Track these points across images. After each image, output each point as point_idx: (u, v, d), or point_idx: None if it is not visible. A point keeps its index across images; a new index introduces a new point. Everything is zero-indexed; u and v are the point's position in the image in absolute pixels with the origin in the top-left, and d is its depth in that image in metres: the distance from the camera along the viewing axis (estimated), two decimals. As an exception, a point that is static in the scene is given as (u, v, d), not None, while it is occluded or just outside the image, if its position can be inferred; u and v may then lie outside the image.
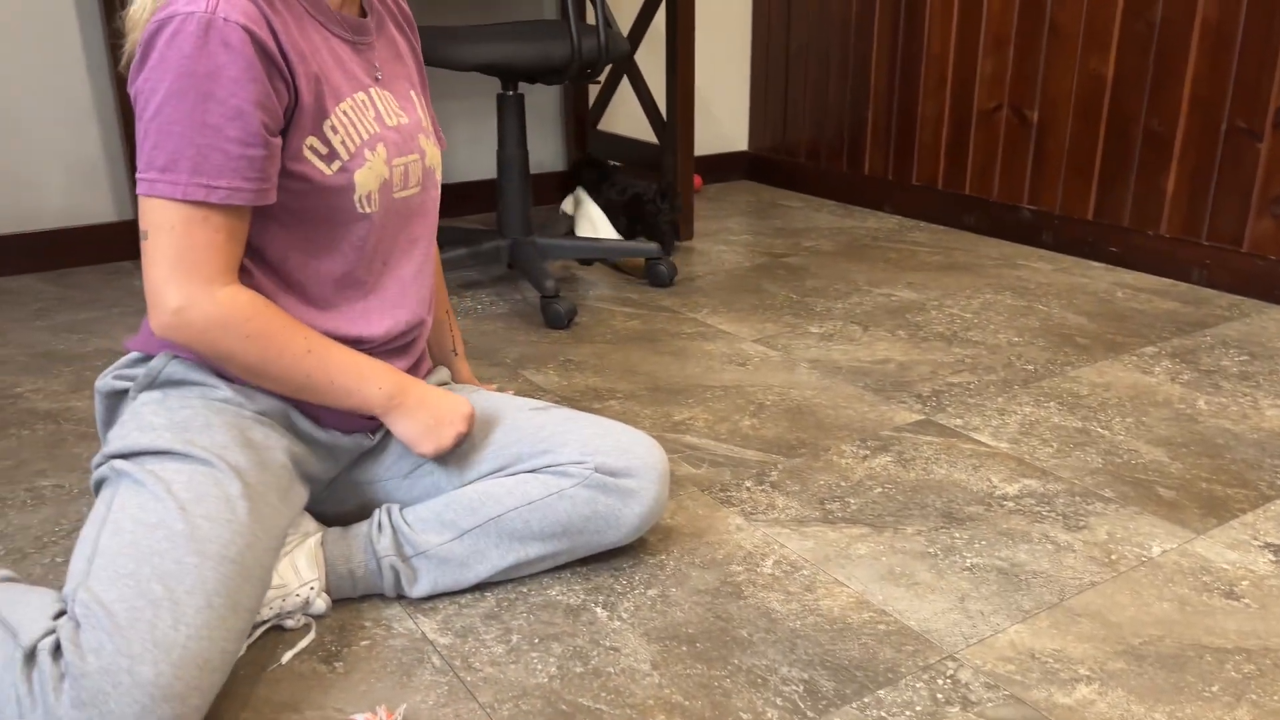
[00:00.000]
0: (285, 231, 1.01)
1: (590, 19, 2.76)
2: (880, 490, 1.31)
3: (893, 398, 1.59)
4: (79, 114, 2.24)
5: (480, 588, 1.10)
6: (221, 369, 0.99)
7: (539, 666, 0.98)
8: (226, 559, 0.87)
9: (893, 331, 1.87)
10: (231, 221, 0.94)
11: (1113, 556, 1.16)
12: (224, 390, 1.00)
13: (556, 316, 1.88)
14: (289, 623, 1.03)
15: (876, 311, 1.98)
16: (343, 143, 1.01)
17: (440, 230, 2.22)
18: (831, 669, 0.98)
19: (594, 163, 2.54)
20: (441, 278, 1.33)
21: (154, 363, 1.01)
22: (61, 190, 2.26)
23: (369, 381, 1.03)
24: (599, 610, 1.07)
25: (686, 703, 0.93)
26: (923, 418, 1.52)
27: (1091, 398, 1.58)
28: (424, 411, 1.06)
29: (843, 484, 1.33)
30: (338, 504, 1.15)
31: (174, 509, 0.88)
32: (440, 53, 1.81)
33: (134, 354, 1.04)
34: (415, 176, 1.11)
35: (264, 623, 1.02)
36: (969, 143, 2.52)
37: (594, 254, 2.10)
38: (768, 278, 2.20)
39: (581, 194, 2.39)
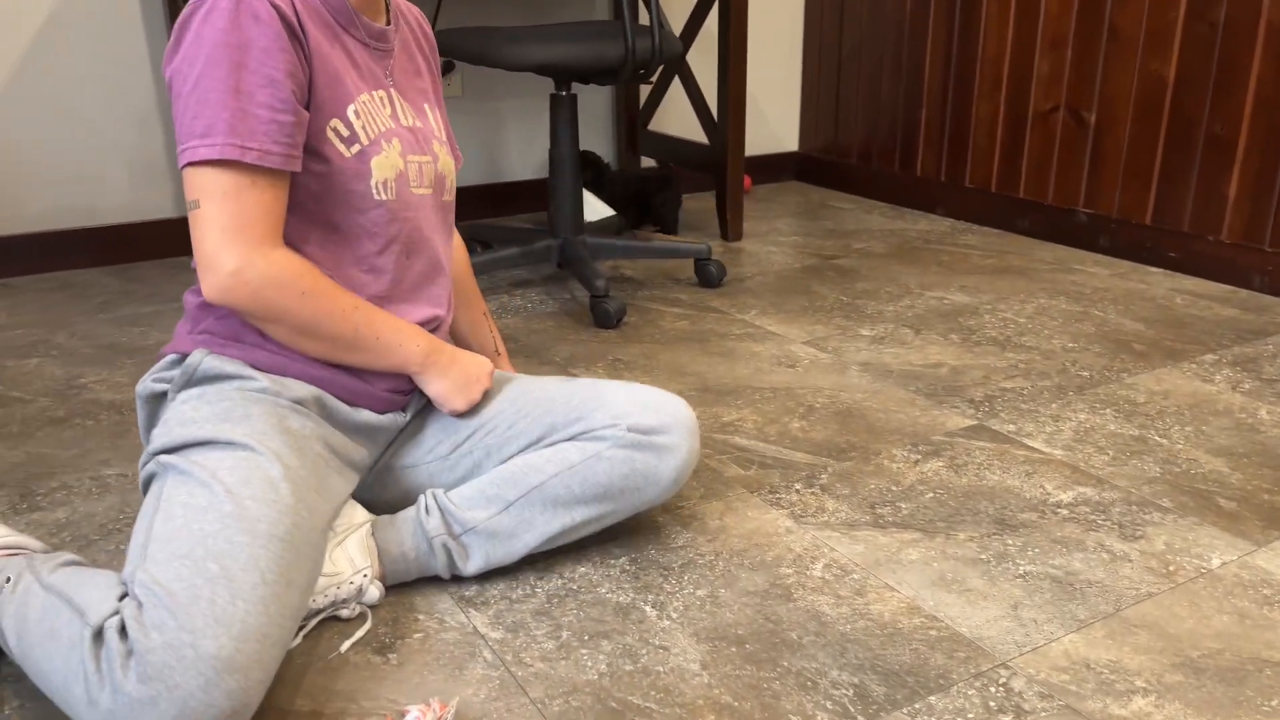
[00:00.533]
0: (305, 216, 1.03)
1: (643, 19, 2.77)
2: (932, 495, 1.30)
3: (945, 402, 1.57)
4: (142, 112, 2.29)
5: (531, 583, 1.11)
6: (270, 335, 1.02)
7: (589, 663, 0.99)
8: (275, 537, 0.89)
9: (945, 335, 1.86)
10: (276, 185, 0.97)
11: (1170, 567, 1.14)
12: (260, 381, 1.02)
13: (606, 316, 1.88)
14: (344, 612, 1.04)
15: (928, 315, 1.96)
16: (363, 128, 1.04)
17: (491, 228, 2.25)
18: (882, 674, 0.97)
19: (592, 162, 2.56)
20: (474, 280, 1.36)
21: (190, 359, 1.02)
22: (125, 186, 2.31)
23: (409, 338, 1.07)
24: (648, 609, 1.07)
25: (736, 703, 0.93)
26: (975, 423, 1.50)
27: (1149, 405, 1.56)
28: (456, 369, 1.11)
29: (893, 488, 1.32)
30: (382, 491, 1.18)
31: (221, 493, 0.90)
32: (495, 53, 1.83)
33: (170, 356, 1.06)
34: (428, 177, 1.13)
35: (319, 611, 1.04)
36: (1024, 144, 2.48)
37: (643, 254, 2.11)
38: (817, 279, 2.19)
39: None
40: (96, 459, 1.40)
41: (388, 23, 1.14)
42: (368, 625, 1.04)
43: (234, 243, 0.95)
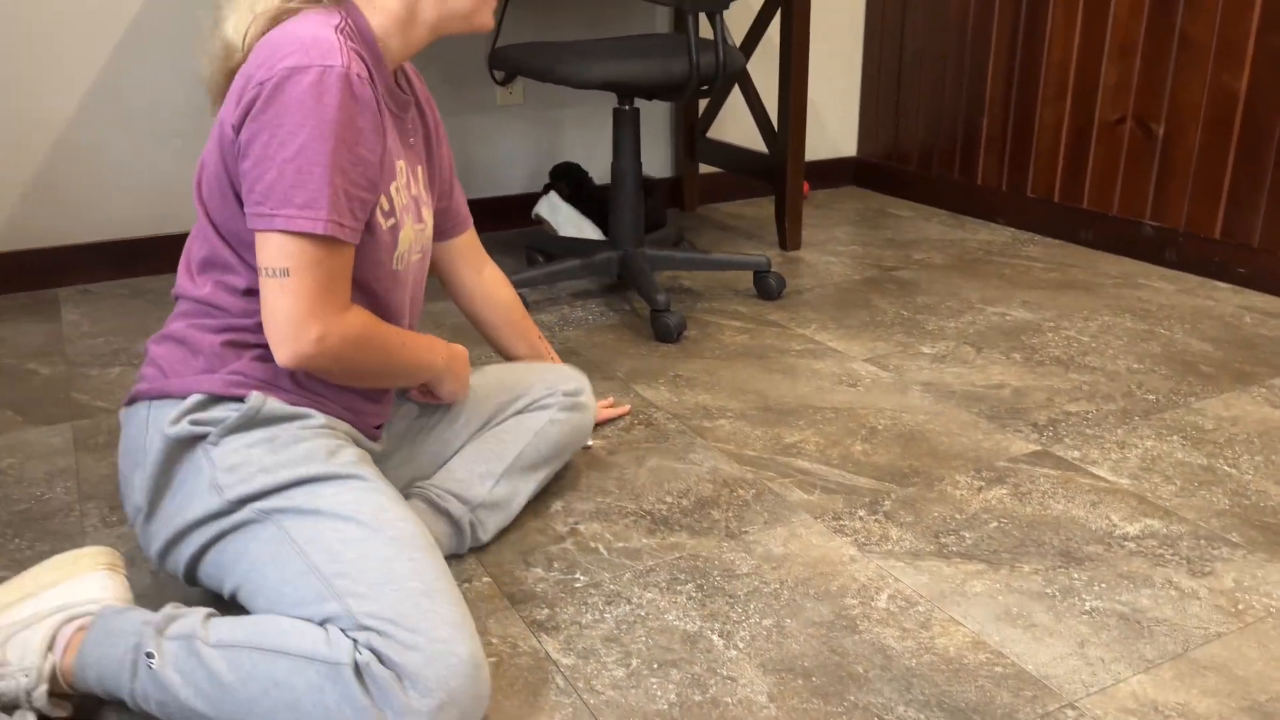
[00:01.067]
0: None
1: (705, 32, 2.78)
2: (996, 525, 1.30)
3: (1008, 425, 1.57)
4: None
5: (600, 609, 1.14)
6: (326, 379, 1.08)
7: (659, 693, 1.01)
8: (429, 547, 0.98)
9: (1007, 354, 1.85)
10: (350, 253, 1.02)
11: (1240, 606, 1.14)
12: (319, 418, 1.06)
13: (666, 330, 1.90)
14: None
15: (990, 332, 1.96)
16: (397, 202, 1.09)
17: (552, 239, 2.27)
18: (949, 711, 0.99)
19: (568, 172, 2.54)
20: (522, 306, 1.46)
21: (251, 403, 1.01)
22: (198, 195, 2.37)
23: (435, 353, 1.20)
24: (715, 638, 1.09)
25: (804, 738, 0.95)
26: (1039, 448, 1.50)
27: (1218, 432, 1.54)
28: (458, 364, 1.26)
29: (957, 516, 1.32)
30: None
31: (370, 522, 0.97)
32: (561, 69, 1.85)
33: (197, 397, 1.02)
34: (421, 244, 1.18)
35: None
36: (1089, 154, 2.45)
37: (703, 266, 2.12)
38: (877, 292, 2.19)
39: (555, 198, 2.44)
40: (178, 472, 1.45)
41: (402, 89, 1.16)
42: None
43: (319, 312, 0.98)
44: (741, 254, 2.15)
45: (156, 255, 2.35)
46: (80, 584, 0.97)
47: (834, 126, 3.09)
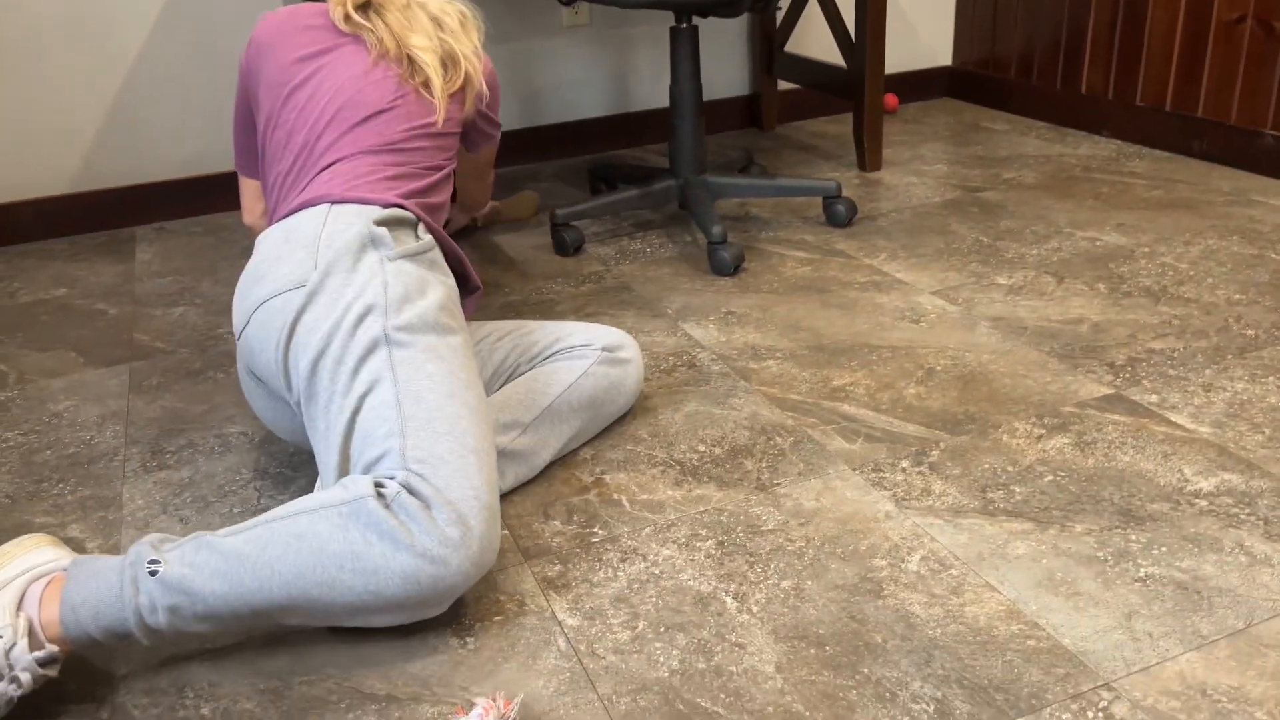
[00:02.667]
0: None
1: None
2: (1051, 479, 1.21)
3: (1080, 366, 1.45)
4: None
5: (614, 565, 1.10)
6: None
7: (661, 659, 0.97)
8: (484, 417, 1.07)
9: (1091, 284, 1.70)
10: None
11: (1319, 576, 1.02)
12: (452, 280, 1.19)
13: (723, 264, 1.82)
14: None
15: (1076, 259, 1.81)
16: None
17: (613, 167, 2.20)
18: (969, 688, 0.92)
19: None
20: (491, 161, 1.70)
21: (426, 242, 1.17)
22: (266, 130, 2.38)
23: None
24: (729, 600, 1.05)
25: (807, 713, 0.90)
26: (1112, 392, 1.38)
27: (1321, 374, 1.39)
28: None
29: (1010, 469, 1.23)
30: None
31: (460, 379, 1.06)
32: (608, -10, 1.75)
33: (395, 211, 1.17)
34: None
35: None
36: (1205, 58, 2.22)
37: (768, 193, 2.02)
38: (958, 216, 2.05)
39: None
40: (223, 415, 1.48)
41: None
42: None
43: None
44: (811, 178, 2.03)
45: (231, 190, 2.38)
46: (33, 555, 0.98)
47: (927, 34, 2.89)
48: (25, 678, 0.87)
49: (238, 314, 1.16)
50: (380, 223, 1.14)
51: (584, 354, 1.31)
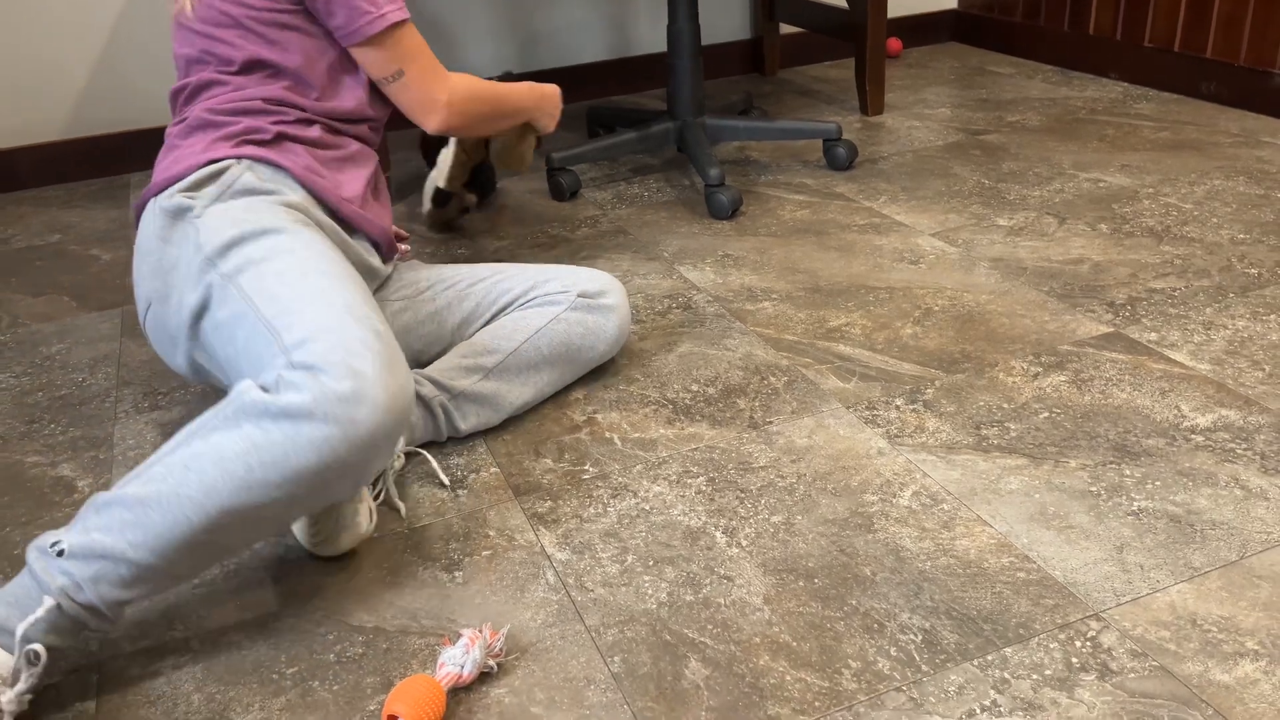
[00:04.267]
0: None
1: None
2: (1046, 415, 1.19)
3: (1079, 305, 1.43)
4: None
5: (605, 501, 1.10)
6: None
7: (649, 591, 0.97)
8: (363, 288, 1.01)
9: (1093, 225, 1.68)
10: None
11: (1314, 509, 1.01)
12: (296, 195, 1.11)
13: (720, 206, 1.80)
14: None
15: (1078, 201, 1.78)
16: None
17: (610, 111, 2.17)
18: (956, 619, 0.91)
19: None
20: None
21: (230, 173, 1.09)
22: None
23: (529, 94, 1.40)
24: (719, 535, 1.04)
25: (794, 644, 0.90)
26: (1111, 330, 1.36)
27: (1324, 311, 1.37)
28: (549, 103, 1.45)
29: (1004, 406, 1.22)
30: None
31: (308, 260, 1.00)
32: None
33: (199, 174, 1.08)
34: None
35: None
36: (1215, -4, 2.17)
37: (767, 135, 1.99)
38: (959, 159, 2.02)
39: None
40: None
41: None
42: (400, 461, 1.14)
43: (439, 79, 1.21)
44: (811, 121, 2.00)
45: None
46: None
47: (932, -24, 2.83)
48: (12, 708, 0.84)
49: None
50: (178, 192, 1.08)
51: (558, 299, 1.26)
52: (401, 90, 1.20)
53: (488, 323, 1.27)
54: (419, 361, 1.29)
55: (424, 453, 1.18)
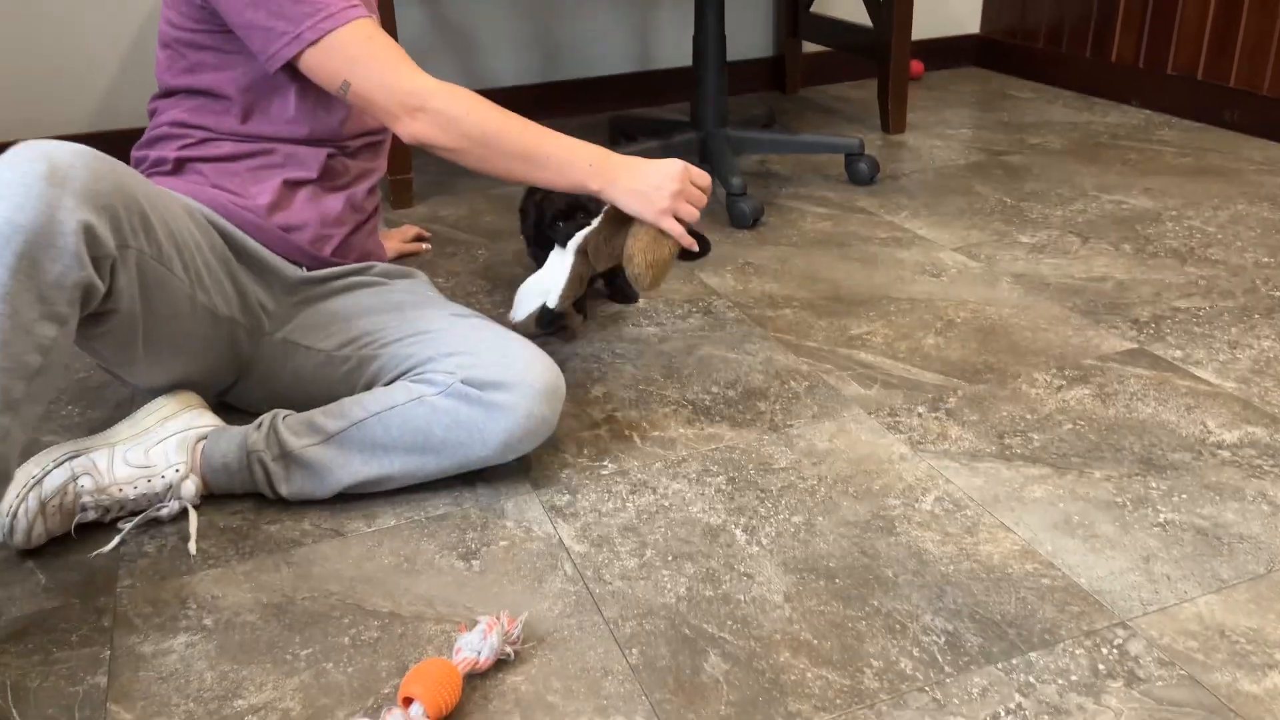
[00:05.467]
0: None
1: (809, -110, 2.57)
2: (1070, 427, 1.18)
3: (1103, 321, 1.42)
4: None
5: (623, 497, 1.09)
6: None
7: (668, 585, 0.96)
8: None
9: (1116, 245, 1.67)
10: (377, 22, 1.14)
11: (1344, 526, 1.00)
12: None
13: (741, 216, 1.80)
14: (163, 512, 1.07)
15: (1101, 221, 1.77)
16: None
17: (633, 120, 2.18)
18: (980, 622, 0.90)
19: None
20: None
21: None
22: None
23: (577, 151, 1.15)
24: (738, 533, 1.03)
25: (815, 641, 0.89)
26: (1135, 346, 1.35)
27: (1351, 334, 1.36)
28: (630, 174, 1.12)
29: (1028, 416, 1.21)
30: (281, 370, 1.20)
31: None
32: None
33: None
34: None
35: (137, 511, 1.07)
36: (1239, 26, 2.17)
37: (790, 149, 2.00)
38: (981, 178, 2.01)
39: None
40: (234, 347, 1.46)
41: None
42: (194, 521, 1.06)
43: (398, 80, 1.07)
44: (834, 135, 2.00)
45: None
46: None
47: (956, 0, 2.85)
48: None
49: None
50: None
51: (436, 380, 1.05)
52: (357, 100, 1.08)
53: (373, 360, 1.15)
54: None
55: (192, 511, 1.07)
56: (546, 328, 1.42)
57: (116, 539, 1.03)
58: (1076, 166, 2.05)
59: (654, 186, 1.11)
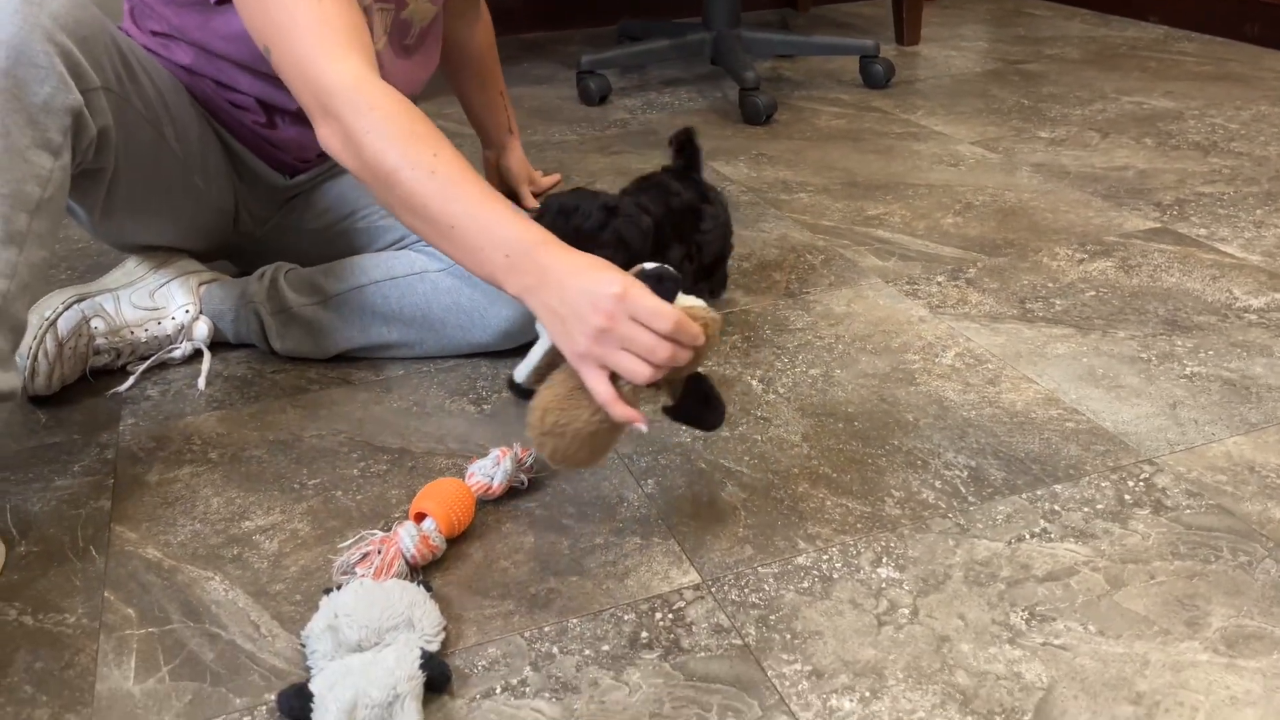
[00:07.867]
0: None
1: None
2: (1093, 294, 1.16)
3: (1125, 204, 1.39)
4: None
5: (636, 353, 1.06)
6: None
7: (683, 428, 0.94)
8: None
9: (1138, 139, 1.64)
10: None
11: (1375, 378, 0.98)
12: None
13: (755, 110, 1.76)
14: (175, 354, 1.05)
15: (1121, 119, 1.74)
16: None
17: (644, 26, 2.13)
18: (1004, 459, 0.88)
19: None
20: (496, 56, 1.29)
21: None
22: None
23: (506, 231, 0.76)
24: (754, 383, 1.01)
25: (834, 475, 0.87)
26: (1159, 225, 1.32)
27: (1379, 214, 1.33)
28: (550, 292, 0.71)
29: (1050, 285, 1.18)
30: (277, 252, 1.16)
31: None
32: None
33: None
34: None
35: (147, 355, 1.05)
36: (1265, -67, 2.12)
37: (803, 50, 1.95)
38: (998, 83, 1.98)
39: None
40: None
41: None
42: (208, 360, 1.04)
43: (317, 69, 0.80)
44: (848, 38, 1.96)
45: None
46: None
47: (971, -81, 2.78)
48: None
49: None
50: None
51: (440, 255, 1.01)
52: (279, 74, 0.83)
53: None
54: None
55: (206, 352, 1.06)
56: (517, 394, 1.01)
57: (131, 379, 1.01)
58: (1095, 74, 2.01)
59: (572, 312, 0.70)
